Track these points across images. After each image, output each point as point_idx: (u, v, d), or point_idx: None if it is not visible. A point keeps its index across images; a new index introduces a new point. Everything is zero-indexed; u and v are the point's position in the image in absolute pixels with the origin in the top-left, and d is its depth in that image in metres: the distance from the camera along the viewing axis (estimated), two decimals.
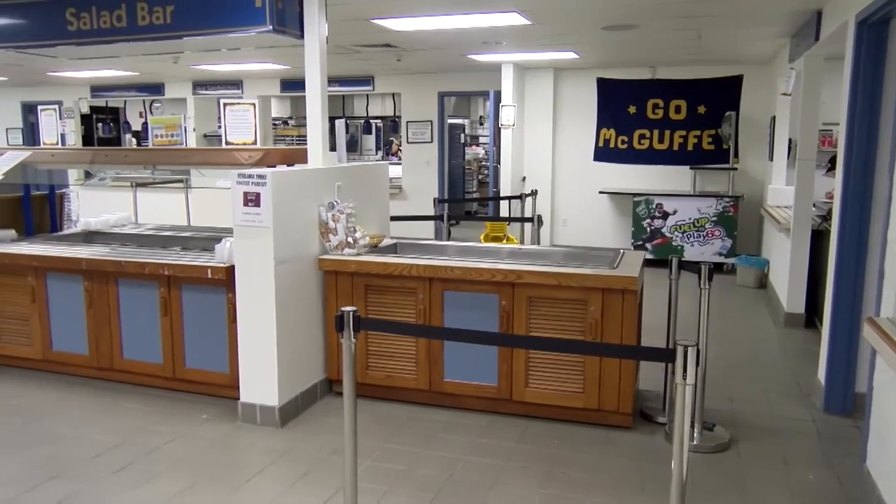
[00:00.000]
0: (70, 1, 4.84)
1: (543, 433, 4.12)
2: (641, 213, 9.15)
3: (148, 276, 4.59)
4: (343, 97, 15.28)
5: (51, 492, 3.44)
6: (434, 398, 4.48)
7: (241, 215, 4.08)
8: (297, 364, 4.38)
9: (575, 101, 10.18)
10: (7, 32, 5.16)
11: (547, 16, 6.04)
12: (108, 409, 4.52)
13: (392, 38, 7.21)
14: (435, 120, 11.29)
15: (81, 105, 12.85)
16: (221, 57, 8.92)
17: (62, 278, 4.93)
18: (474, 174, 15.09)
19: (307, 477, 3.61)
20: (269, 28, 4.31)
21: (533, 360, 4.21)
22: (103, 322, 4.84)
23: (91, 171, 5.98)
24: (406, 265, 4.35)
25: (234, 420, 4.28)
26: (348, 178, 4.84)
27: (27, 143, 13.29)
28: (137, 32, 4.72)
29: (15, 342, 5.16)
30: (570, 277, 4.05)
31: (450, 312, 4.34)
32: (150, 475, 3.63)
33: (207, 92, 12.25)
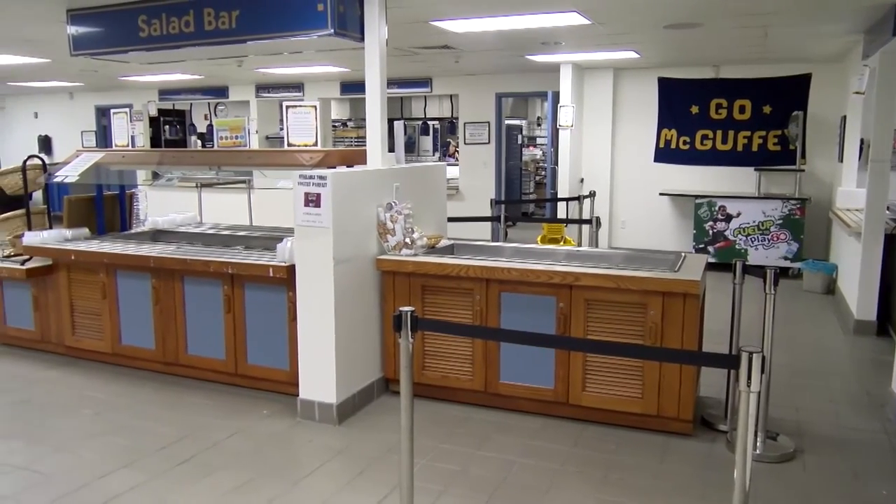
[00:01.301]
0: (142, 9, 5.03)
1: (600, 438, 4.07)
2: (703, 215, 8.94)
3: (212, 274, 4.72)
4: (401, 99, 15.41)
5: (119, 481, 3.57)
6: (489, 399, 4.47)
7: (302, 215, 4.16)
8: (355, 362, 4.44)
9: (635, 101, 10.02)
10: (85, 40, 5.39)
11: (607, 15, 5.97)
12: (172, 402, 4.67)
13: (450, 40, 7.23)
14: (492, 121, 11.28)
15: (150, 108, 13.34)
16: (283, 60, 9.11)
17: (131, 275, 5.11)
18: (531, 175, 15.00)
19: (363, 475, 3.65)
20: (331, 31, 4.38)
21: (590, 363, 4.16)
22: (169, 318, 5.00)
23: (159, 171, 6.19)
24: (463, 266, 4.36)
25: (293, 416, 4.36)
26: (406, 178, 4.88)
27: (100, 145, 13.83)
28: (204, 37, 4.87)
29: (88, 336, 5.37)
30: (629, 280, 3.99)
31: (506, 314, 4.33)
32: (211, 468, 3.73)
33: (270, 94, 12.53)
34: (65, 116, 14.57)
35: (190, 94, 13.31)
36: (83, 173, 5.43)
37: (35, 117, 15.03)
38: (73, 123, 14.45)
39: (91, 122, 14.44)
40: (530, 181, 14.95)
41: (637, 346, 3.95)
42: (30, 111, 15.07)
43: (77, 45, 5.46)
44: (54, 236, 5.45)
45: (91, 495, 3.41)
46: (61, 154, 13.05)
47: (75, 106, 14.44)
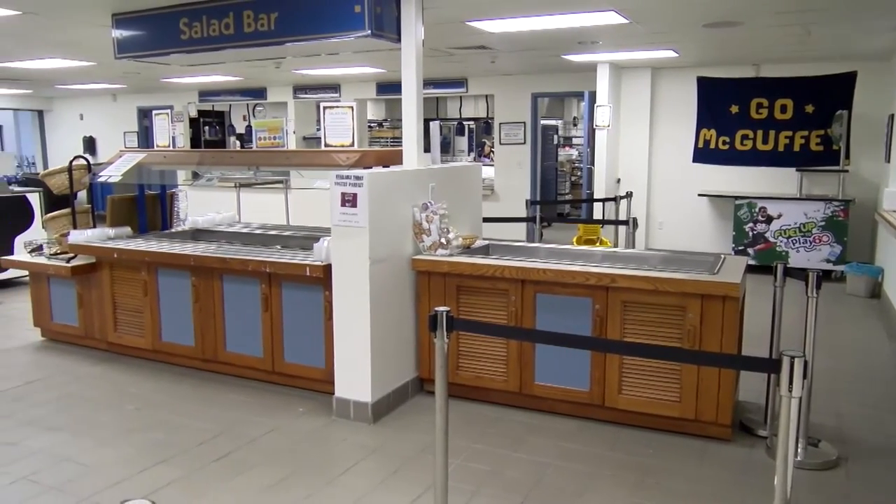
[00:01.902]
0: (183, 12, 5.12)
1: (636, 441, 4.02)
2: (743, 216, 8.79)
3: (250, 272, 4.78)
4: (437, 99, 15.43)
5: (158, 476, 3.64)
6: (523, 400, 4.46)
7: (339, 215, 4.19)
8: (390, 362, 4.46)
9: (673, 100, 9.89)
10: (128, 43, 5.52)
11: (646, 14, 5.90)
12: (211, 399, 4.74)
13: (486, 40, 7.22)
14: (528, 121, 11.24)
15: (190, 109, 13.59)
16: (321, 61, 9.20)
17: (172, 274, 5.21)
18: (567, 176, 14.90)
19: (397, 474, 3.67)
20: (368, 33, 4.41)
21: (627, 365, 4.12)
22: (208, 316, 5.08)
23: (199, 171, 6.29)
24: (498, 266, 4.35)
25: (328, 414, 4.40)
26: (442, 179, 4.89)
27: (142, 145, 14.12)
28: (244, 39, 4.95)
29: (129, 332, 5.49)
30: (667, 282, 3.94)
31: (542, 315, 4.30)
32: (248, 465, 3.78)
33: (307, 95, 12.66)
34: (108, 118, 14.91)
35: (229, 95, 13.52)
36: (126, 173, 5.55)
37: (80, 119, 15.42)
38: (116, 124, 14.79)
39: (133, 123, 14.75)
40: (566, 182, 14.85)
41: (677, 349, 3.89)
42: (75, 113, 15.47)
43: (121, 48, 5.59)
44: (98, 235, 5.58)
45: (131, 488, 3.48)
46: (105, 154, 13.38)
47: (118, 107, 14.77)
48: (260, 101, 13.56)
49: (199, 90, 13.47)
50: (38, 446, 3.99)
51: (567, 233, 10.36)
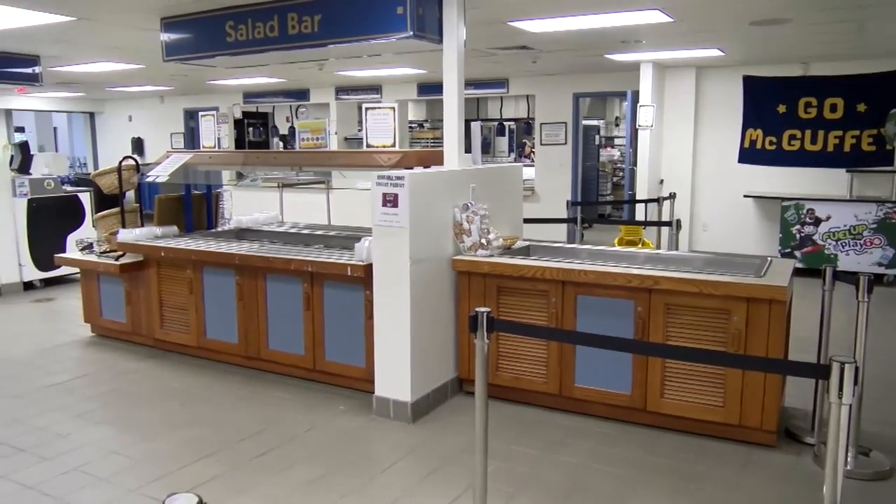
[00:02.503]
0: (229, 15, 5.21)
1: (677, 446, 3.96)
2: (790, 218, 8.59)
3: (293, 272, 4.84)
4: (477, 100, 15.41)
5: (200, 471, 3.71)
6: (562, 403, 4.42)
7: (380, 215, 4.22)
8: (430, 361, 4.47)
9: (718, 100, 9.71)
10: (176, 46, 5.64)
11: (690, 12, 5.80)
12: (253, 396, 4.81)
13: (528, 40, 7.19)
14: (569, 121, 11.15)
15: (235, 111, 13.81)
16: (363, 63, 9.27)
17: (216, 272, 5.31)
18: (609, 176, 14.75)
19: (436, 474, 3.67)
20: (410, 34, 4.43)
21: (669, 369, 4.06)
22: (252, 314, 5.16)
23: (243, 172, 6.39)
24: (539, 268, 4.32)
25: (368, 413, 4.43)
26: (483, 179, 4.89)
27: (187, 146, 14.42)
28: (288, 41, 5.01)
29: (175, 329, 5.61)
30: (711, 285, 3.87)
31: (582, 317, 4.27)
32: (289, 462, 3.83)
33: (349, 97, 12.77)
34: (156, 119, 15.27)
35: (273, 96, 13.72)
36: (173, 173, 5.67)
37: (129, 120, 15.81)
38: (163, 126, 15.13)
39: (180, 125, 15.07)
40: (607, 182, 14.69)
41: (722, 353, 3.81)
42: (124, 114, 15.87)
43: (169, 51, 5.71)
44: (145, 234, 5.71)
45: (175, 482, 3.56)
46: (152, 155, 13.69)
47: (165, 109, 15.11)
48: (303, 102, 13.73)
49: (244, 92, 13.69)
50: (88, 439, 4.11)
51: (608, 234, 10.26)
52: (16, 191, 7.96)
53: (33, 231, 8.03)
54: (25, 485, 3.55)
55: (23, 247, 8.00)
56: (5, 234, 7.86)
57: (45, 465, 3.77)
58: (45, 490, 3.50)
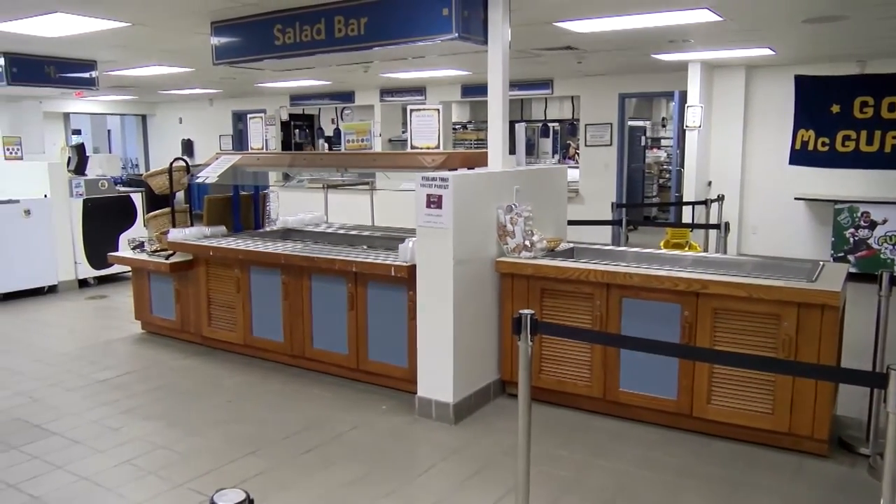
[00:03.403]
0: (277, 18, 5.29)
1: (724, 453, 3.88)
2: (844, 221, 8.34)
3: (337, 272, 4.89)
4: (521, 101, 15.37)
5: (246, 467, 3.77)
6: (606, 407, 4.37)
7: (424, 216, 4.23)
8: (472, 363, 4.47)
9: (769, 100, 9.49)
10: (226, 50, 5.75)
11: (741, 11, 5.69)
12: (297, 394, 4.88)
13: (574, 40, 7.14)
14: (615, 122, 11.04)
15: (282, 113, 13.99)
16: (407, 65, 9.32)
17: (263, 271, 5.39)
18: (655, 178, 14.54)
19: (478, 476, 3.67)
20: (455, 35, 4.44)
21: (717, 375, 3.98)
22: (297, 313, 5.23)
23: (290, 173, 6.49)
24: (584, 270, 4.28)
25: (410, 413, 4.45)
26: (527, 181, 4.86)
27: (235, 148, 14.69)
28: (334, 44, 5.07)
29: (222, 327, 5.72)
30: (761, 290, 3.78)
31: (627, 320, 4.21)
32: (332, 460, 3.86)
33: (393, 98, 12.85)
34: (205, 121, 15.60)
35: (318, 99, 13.89)
36: (222, 174, 5.78)
37: (179, 122, 16.20)
38: (212, 128, 15.45)
39: (228, 127, 15.37)
40: (653, 184, 14.49)
41: (772, 359, 3.72)
42: (175, 117, 16.27)
43: (219, 54, 5.83)
44: (195, 233, 5.83)
45: (221, 478, 3.62)
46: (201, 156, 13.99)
47: (214, 111, 15.43)
48: (348, 104, 13.87)
49: (291, 94, 13.90)
50: (137, 433, 4.21)
51: (654, 237, 10.12)
52: (72, 191, 8.22)
53: (88, 230, 8.28)
54: (80, 475, 3.66)
55: (78, 245, 8.26)
56: (62, 234, 8.12)
57: (98, 457, 3.88)
58: (98, 481, 3.60)
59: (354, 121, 14.13)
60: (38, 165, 8.33)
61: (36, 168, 8.28)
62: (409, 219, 4.56)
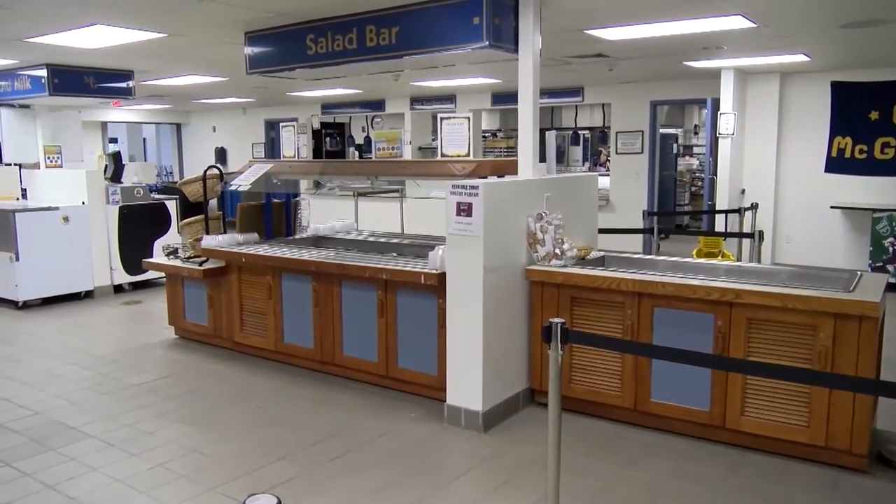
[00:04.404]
0: (310, 28, 5.36)
1: (758, 466, 3.81)
2: (882, 230, 8.16)
3: (367, 279, 4.92)
4: (552, 108, 15.32)
5: (277, 472, 3.80)
6: (637, 417, 4.33)
7: (454, 224, 4.24)
8: (502, 371, 4.45)
9: (803, 107, 9.33)
10: (259, 59, 5.83)
11: (776, 17, 5.61)
12: (327, 400, 4.90)
13: (605, 48, 7.10)
14: (646, 130, 10.95)
15: (313, 121, 14.17)
16: (437, 73, 9.36)
17: (294, 278, 5.44)
18: (687, 186, 14.38)
19: (508, 485, 3.65)
20: (486, 44, 4.44)
21: (750, 386, 3.91)
22: (327, 320, 5.26)
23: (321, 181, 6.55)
24: (615, 279, 4.25)
25: (439, 421, 4.45)
26: (557, 189, 4.85)
27: (267, 156, 14.87)
28: (366, 53, 5.11)
29: (254, 333, 5.78)
30: (797, 300, 3.71)
31: (659, 330, 4.17)
32: (362, 466, 3.87)
33: (423, 107, 12.90)
34: (238, 130, 15.81)
35: (349, 107, 14.00)
36: (255, 182, 5.85)
37: (213, 131, 16.44)
38: (245, 136, 15.65)
39: (261, 135, 15.56)
40: (685, 192, 14.33)
41: (807, 370, 3.65)
42: (208, 125, 16.52)
43: (252, 63, 5.91)
44: (228, 240, 5.91)
45: (252, 482, 3.65)
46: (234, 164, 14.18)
47: (247, 120, 15.64)
48: (378, 112, 13.95)
49: (322, 103, 14.02)
50: (171, 436, 4.27)
51: (686, 245, 9.99)
52: (109, 198, 8.39)
53: (123, 237, 8.44)
54: (114, 478, 3.72)
55: (114, 252, 8.43)
56: (99, 240, 8.29)
57: (132, 460, 3.94)
58: (132, 484, 3.65)
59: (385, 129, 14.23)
60: (76, 173, 8.52)
61: (74, 176, 8.47)
62: (438, 226, 4.57)
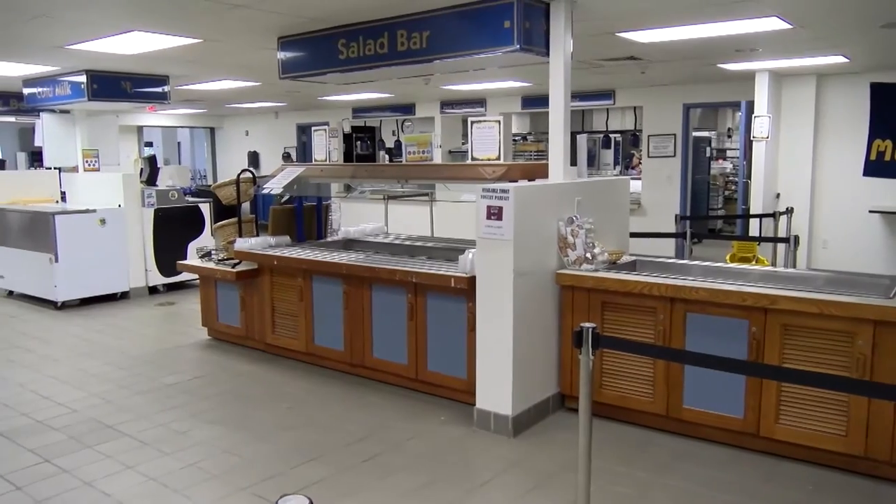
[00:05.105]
0: (341, 33, 5.40)
1: (794, 476, 3.74)
2: None
3: (397, 282, 4.93)
4: (583, 112, 15.24)
5: (309, 473, 3.83)
6: (669, 424, 4.28)
7: (484, 228, 4.23)
8: (531, 376, 4.44)
9: (841, 109, 9.15)
10: (291, 64, 5.89)
11: (812, 18, 5.52)
12: (358, 402, 4.93)
13: (637, 51, 7.05)
14: (678, 133, 10.83)
15: (344, 125, 14.26)
16: (468, 77, 9.36)
17: (325, 281, 5.48)
18: (720, 190, 14.19)
19: (537, 490, 3.63)
20: (517, 47, 4.44)
21: (786, 393, 3.84)
22: (357, 322, 5.29)
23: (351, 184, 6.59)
24: (647, 283, 4.21)
25: (469, 424, 4.44)
26: (588, 192, 4.82)
27: (299, 159, 15.01)
28: (397, 58, 5.13)
29: (285, 335, 5.83)
30: (834, 306, 3.64)
31: (692, 335, 4.11)
32: (392, 468, 3.89)
33: (453, 110, 12.92)
34: (270, 134, 16.00)
35: (380, 111, 14.08)
36: (287, 185, 5.91)
37: (246, 135, 16.66)
38: (277, 140, 15.83)
39: (292, 139, 15.73)
40: (719, 196, 14.15)
41: (845, 378, 3.57)
42: (241, 129, 16.73)
43: (285, 68, 5.98)
44: (260, 243, 5.97)
45: (284, 483, 3.69)
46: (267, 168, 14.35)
47: (279, 124, 15.81)
48: (409, 116, 14.01)
49: (353, 107, 14.13)
50: (203, 436, 4.33)
51: (719, 250, 9.86)
52: (144, 201, 8.54)
53: (158, 239, 8.58)
54: (149, 476, 3.78)
55: (149, 253, 8.57)
56: (135, 242, 8.44)
57: (166, 459, 4.01)
58: (166, 482, 3.71)
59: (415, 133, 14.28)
60: (113, 176, 8.69)
61: (111, 179, 8.64)
62: (468, 230, 4.57)
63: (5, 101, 9.93)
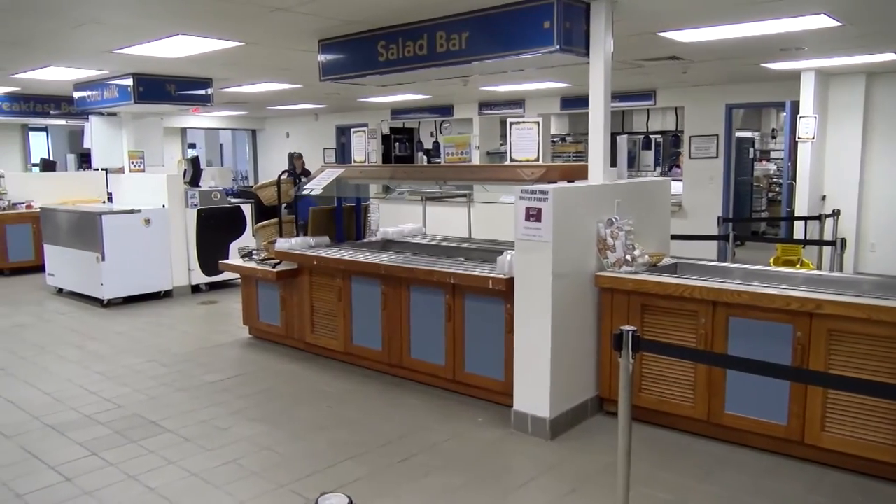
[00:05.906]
0: (381, 35, 5.44)
1: (841, 486, 3.64)
2: None
3: (435, 283, 4.94)
4: (623, 112, 15.09)
5: (346, 471, 3.86)
6: (710, 429, 4.20)
7: (523, 229, 4.22)
8: (570, 378, 4.41)
9: (892, 109, 8.90)
10: (332, 66, 5.96)
11: (862, 15, 5.37)
12: (395, 402, 4.95)
13: (678, 50, 6.95)
14: (721, 133, 10.66)
15: (383, 127, 14.36)
16: (507, 78, 9.34)
17: (364, 281, 5.52)
18: (764, 191, 13.91)
19: (575, 493, 3.60)
20: (557, 48, 4.41)
21: (831, 400, 3.75)
22: (395, 322, 5.32)
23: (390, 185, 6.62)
24: (688, 287, 4.14)
25: (506, 426, 4.43)
26: (628, 194, 4.77)
27: (338, 161, 15.16)
28: (436, 59, 5.15)
29: (324, 335, 5.89)
30: (882, 311, 3.54)
31: (734, 340, 4.04)
32: (429, 469, 3.90)
33: (491, 112, 12.91)
34: (310, 135, 16.19)
35: (418, 113, 14.13)
36: (326, 186, 5.97)
37: (286, 136, 16.88)
38: (317, 141, 16.01)
39: (332, 140, 15.89)
40: (762, 198, 13.87)
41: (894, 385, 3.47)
42: (282, 131, 16.97)
43: (325, 71, 6.04)
44: (300, 243, 6.04)
45: (322, 481, 3.72)
46: None
47: (319, 126, 15.99)
48: (447, 117, 14.04)
49: (392, 108, 14.21)
50: (243, 434, 4.39)
51: (763, 253, 9.67)
52: (188, 202, 8.71)
53: (201, 239, 8.75)
54: (190, 471, 3.86)
55: (192, 253, 8.74)
56: (178, 242, 8.62)
57: (207, 455, 4.08)
58: (206, 478, 3.78)
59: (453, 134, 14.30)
60: (157, 177, 8.88)
61: (156, 180, 8.84)
62: (506, 231, 4.55)
63: (57, 104, 10.25)
